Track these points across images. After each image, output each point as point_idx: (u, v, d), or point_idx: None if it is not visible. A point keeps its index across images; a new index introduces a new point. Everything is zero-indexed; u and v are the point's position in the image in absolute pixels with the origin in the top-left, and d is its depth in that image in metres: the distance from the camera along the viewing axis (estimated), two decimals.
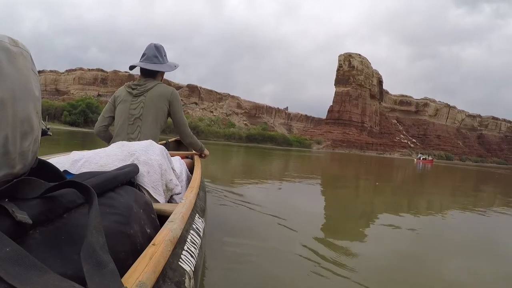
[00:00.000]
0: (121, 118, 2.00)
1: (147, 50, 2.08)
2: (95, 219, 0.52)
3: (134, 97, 1.99)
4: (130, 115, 1.97)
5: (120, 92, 2.08)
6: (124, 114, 1.99)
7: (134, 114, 1.97)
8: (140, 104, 1.97)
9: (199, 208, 1.21)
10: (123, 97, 2.02)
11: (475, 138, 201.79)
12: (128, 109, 1.98)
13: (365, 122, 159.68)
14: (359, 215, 4.35)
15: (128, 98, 2.00)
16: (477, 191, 10.16)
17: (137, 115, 1.97)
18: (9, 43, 0.50)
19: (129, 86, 2.05)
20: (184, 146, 3.18)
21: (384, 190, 7.81)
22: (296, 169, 12.20)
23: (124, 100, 2.01)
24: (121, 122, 2.00)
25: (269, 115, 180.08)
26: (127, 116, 1.98)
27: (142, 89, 1.99)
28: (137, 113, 1.97)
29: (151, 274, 0.56)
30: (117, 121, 2.03)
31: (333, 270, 2.11)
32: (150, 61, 2.05)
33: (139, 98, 1.99)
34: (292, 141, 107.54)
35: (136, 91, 2.00)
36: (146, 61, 2.05)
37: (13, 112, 0.49)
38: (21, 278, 0.38)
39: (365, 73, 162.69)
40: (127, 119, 1.98)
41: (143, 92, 1.99)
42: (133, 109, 1.98)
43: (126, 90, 2.04)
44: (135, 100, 1.99)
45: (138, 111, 1.97)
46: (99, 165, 1.08)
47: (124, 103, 2.00)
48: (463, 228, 4.03)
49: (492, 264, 2.66)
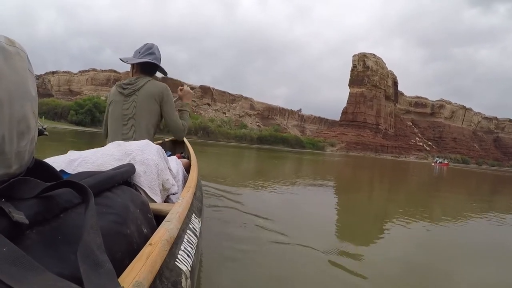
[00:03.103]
0: (114, 118, 1.99)
1: (152, 49, 2.08)
2: (92, 219, 0.53)
3: (126, 96, 1.97)
4: (123, 115, 1.96)
5: (111, 91, 2.06)
6: (117, 114, 1.97)
7: (127, 114, 1.96)
8: (132, 104, 1.96)
9: (196, 208, 1.20)
10: (114, 97, 2.01)
11: (491, 141, 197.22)
12: (120, 109, 1.97)
13: (380, 124, 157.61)
14: (378, 217, 4.29)
15: (119, 98, 1.99)
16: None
17: (131, 115, 1.96)
18: (5, 43, 0.50)
19: (119, 86, 2.02)
20: (180, 145, 3.17)
21: (413, 190, 7.68)
22: (311, 174, 12.07)
23: (116, 100, 2.00)
24: (114, 122, 1.99)
25: (282, 117, 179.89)
26: (120, 116, 1.96)
27: (133, 88, 1.97)
28: (130, 113, 1.96)
29: (148, 274, 0.56)
30: (111, 122, 2.02)
31: (341, 274, 2.09)
32: (154, 60, 2.06)
33: (131, 97, 1.97)
34: (305, 143, 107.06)
35: (127, 90, 1.97)
36: (152, 58, 2.06)
37: (10, 112, 0.49)
38: (18, 278, 0.38)
39: (380, 73, 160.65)
40: (120, 119, 1.97)
41: (135, 91, 1.97)
42: (126, 109, 1.96)
43: (117, 90, 2.02)
44: (127, 99, 1.97)
45: (131, 111, 1.96)
46: (96, 165, 1.08)
47: (116, 104, 1.99)
48: (479, 234, 3.93)
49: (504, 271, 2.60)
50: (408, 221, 4.02)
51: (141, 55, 2.05)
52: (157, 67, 2.13)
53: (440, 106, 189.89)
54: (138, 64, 2.06)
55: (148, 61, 2.03)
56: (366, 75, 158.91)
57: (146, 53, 2.06)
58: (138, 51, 2.08)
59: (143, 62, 2.04)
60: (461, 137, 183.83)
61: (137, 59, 2.04)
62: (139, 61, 2.03)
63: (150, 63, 2.06)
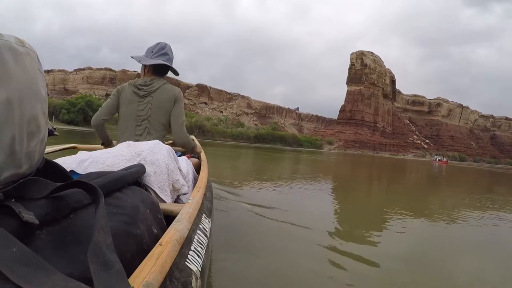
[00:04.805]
0: (127, 118, 1.97)
1: (165, 49, 2.05)
2: (102, 219, 0.52)
3: (141, 97, 1.96)
4: (137, 116, 1.94)
5: (124, 89, 2.03)
6: (131, 115, 1.96)
7: (142, 115, 1.94)
8: (147, 105, 1.94)
9: (206, 208, 1.20)
10: (128, 97, 1.98)
11: (488, 139, 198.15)
12: (135, 110, 1.95)
13: (377, 122, 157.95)
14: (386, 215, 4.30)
15: (134, 99, 1.97)
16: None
17: (145, 116, 1.94)
18: (16, 43, 0.50)
19: (134, 85, 1.99)
20: None
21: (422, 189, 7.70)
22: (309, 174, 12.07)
23: (130, 100, 1.97)
24: (127, 122, 1.97)
25: (279, 115, 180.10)
26: (134, 117, 1.95)
27: (149, 90, 1.96)
28: (144, 114, 1.94)
29: (158, 274, 0.56)
30: (123, 121, 1.99)
31: (344, 271, 2.10)
32: (168, 61, 2.04)
33: (146, 98, 1.95)
34: (303, 142, 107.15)
35: (143, 91, 1.96)
36: (166, 59, 2.04)
37: (20, 112, 0.49)
38: (28, 278, 0.38)
39: (378, 71, 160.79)
40: (134, 120, 1.95)
41: (150, 93, 1.95)
42: (141, 110, 1.94)
43: (132, 90, 1.99)
44: (142, 100, 1.95)
45: (146, 112, 1.94)
46: (106, 165, 1.08)
47: (131, 104, 1.97)
48: (480, 231, 3.95)
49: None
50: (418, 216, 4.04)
51: (154, 55, 2.03)
52: (169, 68, 2.10)
53: (438, 104, 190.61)
54: (151, 65, 2.04)
55: (163, 63, 2.01)
56: (364, 73, 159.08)
57: (159, 53, 2.03)
58: (151, 51, 2.05)
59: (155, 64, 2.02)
60: (458, 135, 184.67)
61: (150, 60, 2.02)
62: (153, 62, 2.00)
63: (164, 65, 2.04)
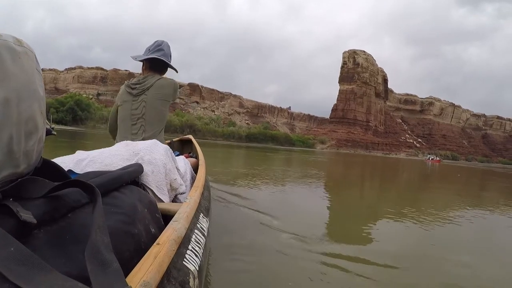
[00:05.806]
0: (123, 118, 1.97)
1: (161, 45, 2.06)
2: (100, 219, 0.53)
3: (135, 96, 1.96)
4: (132, 115, 1.94)
5: (120, 91, 2.05)
6: (126, 114, 1.96)
7: (136, 114, 1.94)
8: (141, 104, 1.94)
9: (204, 208, 1.21)
10: (123, 97, 1.99)
11: (479, 137, 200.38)
12: (130, 109, 1.95)
13: (370, 121, 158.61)
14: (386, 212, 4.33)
15: (128, 98, 1.97)
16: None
17: (140, 115, 1.94)
18: (13, 43, 0.50)
19: (128, 86, 2.01)
20: (188, 145, 3.17)
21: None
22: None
23: (125, 100, 1.98)
24: (123, 122, 1.97)
25: (271, 115, 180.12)
26: (129, 116, 1.95)
27: (141, 88, 1.95)
28: (139, 113, 1.94)
29: (156, 273, 0.56)
30: (120, 122, 2.00)
31: (342, 272, 2.11)
32: (163, 56, 2.04)
33: (140, 97, 1.95)
34: (295, 141, 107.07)
35: (136, 90, 1.96)
36: (161, 55, 2.03)
37: (18, 112, 0.49)
38: (26, 277, 0.38)
39: (370, 70, 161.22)
40: (129, 120, 1.95)
41: (144, 91, 1.95)
42: (135, 109, 1.94)
43: (126, 90, 2.00)
44: (136, 99, 1.95)
45: (140, 111, 1.94)
46: (104, 165, 1.08)
47: (125, 104, 1.97)
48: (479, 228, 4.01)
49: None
50: (415, 213, 4.08)
51: (150, 52, 2.03)
52: (167, 65, 2.09)
53: (430, 103, 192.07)
54: (147, 62, 2.04)
55: (156, 57, 2.00)
56: (356, 72, 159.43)
57: (155, 49, 2.03)
58: (148, 49, 2.05)
59: (151, 59, 2.02)
60: (450, 134, 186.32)
61: (144, 56, 2.02)
62: (146, 57, 2.01)
63: (160, 60, 2.03)
